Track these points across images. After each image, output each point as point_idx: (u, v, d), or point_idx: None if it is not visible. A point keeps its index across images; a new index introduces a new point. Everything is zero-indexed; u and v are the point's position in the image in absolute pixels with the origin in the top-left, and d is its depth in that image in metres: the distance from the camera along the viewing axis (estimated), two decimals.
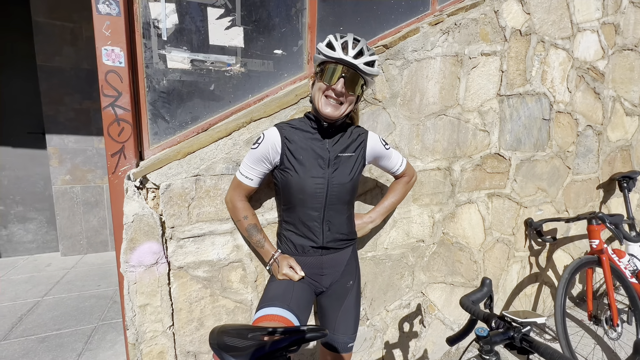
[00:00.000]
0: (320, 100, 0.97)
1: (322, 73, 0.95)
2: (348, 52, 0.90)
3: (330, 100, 0.96)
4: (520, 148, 1.85)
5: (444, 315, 1.82)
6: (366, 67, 0.92)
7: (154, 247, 1.13)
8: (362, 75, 0.95)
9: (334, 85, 0.93)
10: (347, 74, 0.92)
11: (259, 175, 1.06)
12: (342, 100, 0.96)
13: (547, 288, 2.22)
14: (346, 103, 0.98)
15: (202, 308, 1.25)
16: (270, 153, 1.01)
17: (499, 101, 1.71)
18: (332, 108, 0.96)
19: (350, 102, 0.99)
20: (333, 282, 1.13)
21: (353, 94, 0.97)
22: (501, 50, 1.65)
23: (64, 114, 2.59)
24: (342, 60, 0.91)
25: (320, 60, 0.96)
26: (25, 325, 1.78)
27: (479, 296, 1.06)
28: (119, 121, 1.26)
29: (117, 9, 1.20)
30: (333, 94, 0.94)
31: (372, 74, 0.95)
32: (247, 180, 1.05)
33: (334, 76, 0.92)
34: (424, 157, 1.56)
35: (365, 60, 0.92)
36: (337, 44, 0.91)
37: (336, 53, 0.90)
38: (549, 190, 2.04)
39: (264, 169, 1.05)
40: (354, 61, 0.90)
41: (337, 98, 0.95)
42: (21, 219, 2.74)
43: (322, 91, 0.96)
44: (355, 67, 0.91)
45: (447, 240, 1.73)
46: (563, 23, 1.83)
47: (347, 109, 0.99)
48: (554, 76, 1.87)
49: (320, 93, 0.97)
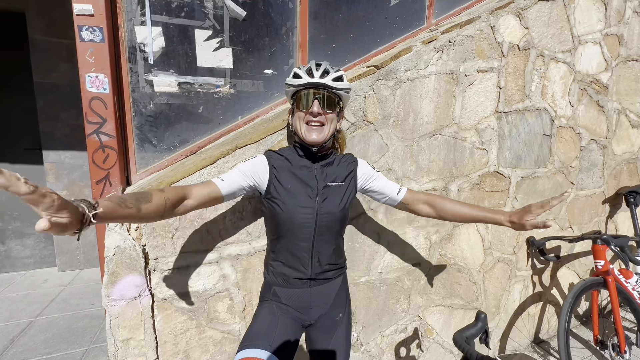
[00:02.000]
0: (302, 129, 0.97)
1: (296, 103, 0.98)
2: (314, 75, 0.94)
3: (312, 125, 0.96)
4: (521, 165, 1.79)
5: (443, 339, 1.76)
6: (335, 82, 0.95)
7: (136, 280, 1.10)
8: (335, 92, 0.96)
9: (310, 109, 0.94)
10: (320, 94, 0.94)
11: (233, 185, 0.94)
12: (323, 121, 0.96)
13: (551, 307, 2.14)
14: (327, 123, 0.98)
15: (187, 340, 1.21)
16: (256, 174, 0.98)
17: (497, 118, 1.66)
18: (316, 133, 0.96)
19: (331, 121, 0.98)
20: (322, 315, 1.09)
21: (332, 111, 0.97)
22: (498, 66, 1.60)
23: (61, 130, 2.59)
24: (310, 84, 0.94)
25: (291, 93, 0.99)
26: (16, 349, 1.76)
27: (474, 332, 1.01)
28: (104, 148, 1.23)
29: (101, 36, 1.18)
30: (312, 117, 0.95)
31: (342, 87, 0.97)
32: (218, 180, 0.92)
33: (307, 100, 0.95)
34: (419, 178, 1.51)
35: (333, 77, 0.95)
36: (301, 72, 0.95)
37: (303, 79, 0.94)
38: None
39: (243, 182, 0.96)
40: (322, 80, 0.93)
41: (317, 120, 0.95)
42: (19, 235, 2.74)
43: (302, 119, 0.97)
44: (324, 85, 0.94)
45: (445, 262, 1.67)
46: (563, 36, 1.78)
47: (330, 129, 0.99)
48: (555, 90, 1.81)
49: (301, 122, 0.97)
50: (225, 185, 0.93)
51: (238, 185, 0.96)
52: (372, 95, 1.35)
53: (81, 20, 1.15)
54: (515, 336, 2.01)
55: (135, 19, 1.27)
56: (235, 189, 0.96)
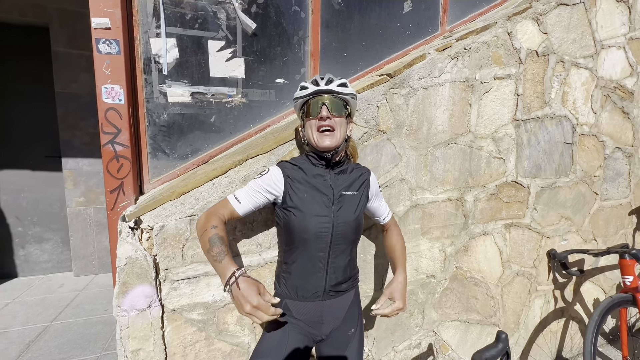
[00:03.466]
0: (315, 136, 0.98)
1: (306, 112, 1.00)
2: (319, 84, 0.98)
3: (323, 131, 0.97)
4: (540, 175, 1.72)
5: (459, 356, 1.69)
6: (340, 87, 0.98)
7: (146, 290, 1.09)
8: (341, 97, 0.99)
9: (320, 114, 0.96)
10: (327, 100, 0.97)
11: (250, 204, 0.97)
12: (333, 125, 0.97)
13: (574, 324, 2.03)
14: (337, 127, 0.98)
15: (196, 352, 1.19)
16: (272, 188, 0.98)
17: (514, 126, 1.60)
18: (329, 139, 0.97)
19: (340, 125, 0.99)
20: (333, 330, 1.06)
21: (340, 115, 0.99)
22: (516, 73, 1.55)
23: (79, 138, 2.67)
24: (317, 91, 0.98)
25: (300, 105, 1.02)
26: (31, 354, 1.79)
27: (494, 353, 0.95)
28: (118, 157, 1.25)
29: (117, 48, 1.20)
30: (322, 122, 0.97)
31: (347, 92, 1.00)
32: (235, 201, 0.96)
33: (317, 107, 0.97)
34: (433, 189, 1.47)
35: (337, 84, 0.99)
36: (307, 84, 1.00)
37: (309, 89, 0.98)
38: (574, 219, 1.88)
39: (259, 200, 0.98)
40: (328, 87, 0.97)
41: (327, 124, 0.97)
42: (38, 240, 2.82)
43: (314, 127, 0.98)
44: (330, 91, 0.98)
45: (461, 275, 1.61)
46: (585, 41, 1.71)
47: (341, 133, 0.99)
48: (576, 97, 1.74)
49: (313, 129, 0.98)
50: (241, 207, 0.97)
51: (254, 204, 0.98)
52: (384, 104, 1.33)
53: (99, 34, 1.18)
54: (536, 354, 1.90)
55: (150, 31, 1.30)
56: (253, 206, 0.99)
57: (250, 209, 0.98)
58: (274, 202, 1.02)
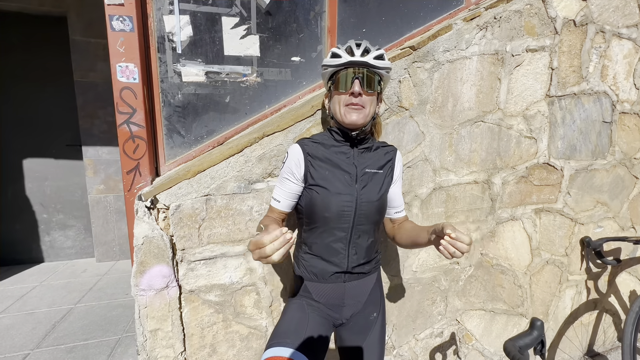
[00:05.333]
0: (342, 110, 0.91)
1: (335, 84, 0.91)
2: (354, 54, 0.88)
3: (352, 107, 0.90)
4: (575, 156, 1.59)
5: (483, 346, 1.62)
6: (376, 60, 0.88)
7: (164, 270, 1.08)
8: (376, 71, 0.90)
9: (351, 89, 0.88)
10: (361, 74, 0.88)
11: (285, 197, 0.96)
12: (363, 102, 0.89)
13: (608, 317, 1.91)
14: (368, 105, 0.91)
15: (214, 334, 1.18)
16: (295, 170, 0.94)
17: (548, 103, 1.48)
18: (356, 114, 0.90)
19: (371, 102, 0.91)
20: (354, 314, 1.01)
21: (372, 92, 0.90)
22: (551, 45, 1.43)
23: (98, 126, 2.71)
24: (351, 62, 0.87)
25: (329, 74, 0.94)
26: (57, 334, 1.84)
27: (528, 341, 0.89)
28: (134, 138, 1.23)
29: (131, 25, 1.17)
30: (353, 98, 0.88)
31: (384, 67, 0.90)
32: (274, 202, 0.97)
33: (347, 80, 0.88)
34: (458, 170, 1.38)
35: (374, 55, 0.88)
36: (341, 52, 0.89)
37: (343, 58, 0.88)
38: (611, 204, 1.75)
39: (291, 188, 0.96)
40: (363, 59, 0.87)
41: (358, 101, 0.89)
42: (62, 226, 2.91)
43: (342, 102, 0.90)
44: (366, 64, 0.87)
45: (486, 262, 1.53)
46: (628, 8, 1.56)
47: (370, 111, 0.92)
48: (617, 71, 1.60)
49: (341, 104, 0.91)
50: (281, 205, 0.96)
51: (289, 195, 0.96)
52: (407, 78, 1.25)
53: (112, 10, 1.15)
54: (566, 347, 1.81)
55: (163, 7, 1.26)
56: (290, 198, 0.96)
57: (289, 202, 0.96)
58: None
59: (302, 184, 0.96)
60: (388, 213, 1.06)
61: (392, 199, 1.04)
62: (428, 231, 0.86)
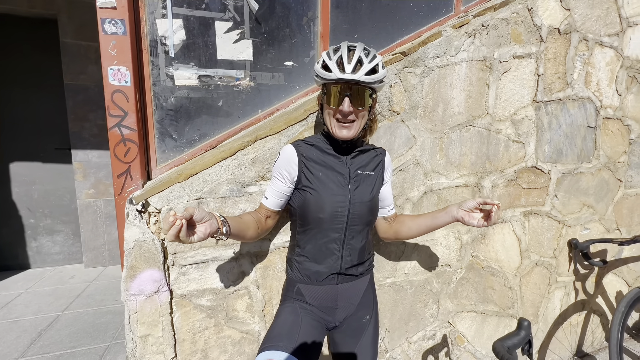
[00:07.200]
0: (332, 124, 0.91)
1: (326, 97, 0.90)
2: (345, 69, 0.83)
3: (341, 124, 0.90)
4: (562, 160, 1.64)
5: (475, 348, 1.63)
6: (368, 77, 0.84)
7: (155, 274, 1.07)
8: (368, 86, 0.87)
9: (340, 107, 0.87)
10: (351, 91, 0.85)
11: (274, 196, 0.97)
12: (353, 119, 0.90)
13: (596, 317, 1.95)
14: (359, 119, 0.91)
15: (206, 339, 1.17)
16: (286, 171, 0.94)
17: (535, 108, 1.53)
18: (346, 130, 0.90)
19: (362, 117, 0.92)
20: (347, 316, 1.02)
21: (363, 107, 0.89)
22: (537, 52, 1.47)
23: (88, 130, 2.68)
24: (341, 80, 0.84)
25: (320, 83, 0.92)
26: (43, 342, 1.79)
27: (516, 341, 0.90)
28: (125, 141, 1.22)
29: (123, 28, 1.17)
30: (341, 117, 0.88)
31: (376, 80, 0.86)
32: (263, 199, 1.00)
33: (337, 97, 0.86)
34: (449, 173, 1.41)
35: (366, 70, 0.84)
36: (331, 63, 0.84)
37: (333, 73, 0.84)
38: (597, 207, 1.80)
39: (278, 188, 0.96)
40: (353, 77, 0.83)
41: (347, 120, 0.89)
42: (49, 232, 2.84)
43: (332, 115, 0.91)
44: (356, 82, 0.84)
45: (477, 265, 1.55)
46: (610, 18, 1.62)
47: (361, 124, 0.92)
48: (600, 78, 1.65)
49: (331, 117, 0.91)
50: (268, 202, 0.98)
51: (278, 194, 0.97)
52: (398, 83, 1.27)
53: (104, 13, 1.15)
54: (555, 348, 1.83)
55: (156, 11, 1.26)
56: (278, 196, 0.97)
57: (276, 200, 0.97)
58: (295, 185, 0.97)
59: (292, 186, 0.96)
60: (381, 212, 1.08)
61: (385, 197, 1.06)
62: (446, 212, 1.02)
